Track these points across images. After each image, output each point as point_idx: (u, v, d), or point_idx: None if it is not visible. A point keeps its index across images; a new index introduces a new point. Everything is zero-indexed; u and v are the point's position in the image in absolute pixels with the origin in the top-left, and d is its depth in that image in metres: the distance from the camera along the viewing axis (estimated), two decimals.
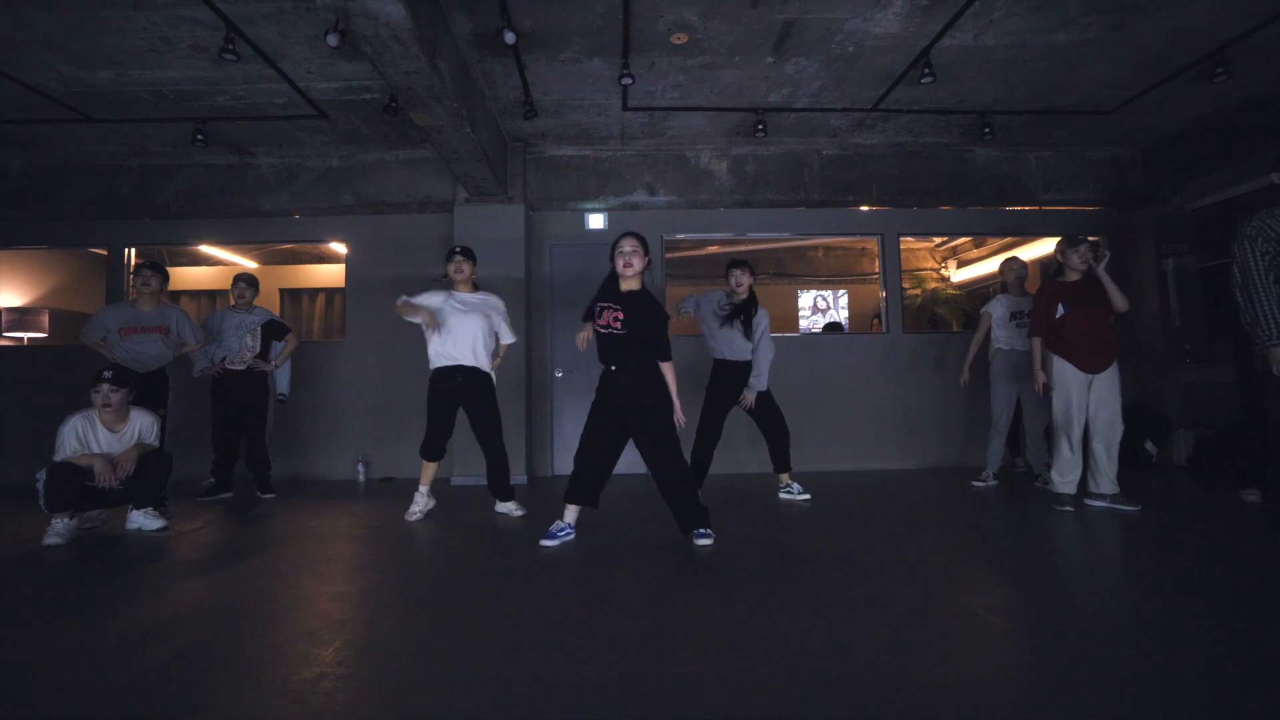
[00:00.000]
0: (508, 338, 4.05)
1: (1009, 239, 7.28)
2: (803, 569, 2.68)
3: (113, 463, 3.28)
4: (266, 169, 5.58)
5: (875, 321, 7.36)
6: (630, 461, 5.51)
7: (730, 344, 4.08)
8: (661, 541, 3.17)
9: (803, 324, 8.72)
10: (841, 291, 9.07)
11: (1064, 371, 3.76)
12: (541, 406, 5.66)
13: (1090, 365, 3.70)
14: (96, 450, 3.30)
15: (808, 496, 4.25)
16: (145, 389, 3.93)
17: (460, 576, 2.67)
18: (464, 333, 3.78)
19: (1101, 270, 3.66)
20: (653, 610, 2.19)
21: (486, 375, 3.86)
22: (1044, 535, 3.26)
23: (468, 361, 3.78)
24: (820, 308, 9.00)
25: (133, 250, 5.84)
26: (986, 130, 4.91)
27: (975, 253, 8.54)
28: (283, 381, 4.87)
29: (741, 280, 4.08)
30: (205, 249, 6.66)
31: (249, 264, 7.43)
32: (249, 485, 4.86)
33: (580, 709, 1.53)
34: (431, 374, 3.85)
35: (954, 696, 1.56)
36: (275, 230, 5.85)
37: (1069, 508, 3.68)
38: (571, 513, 3.19)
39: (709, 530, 3.10)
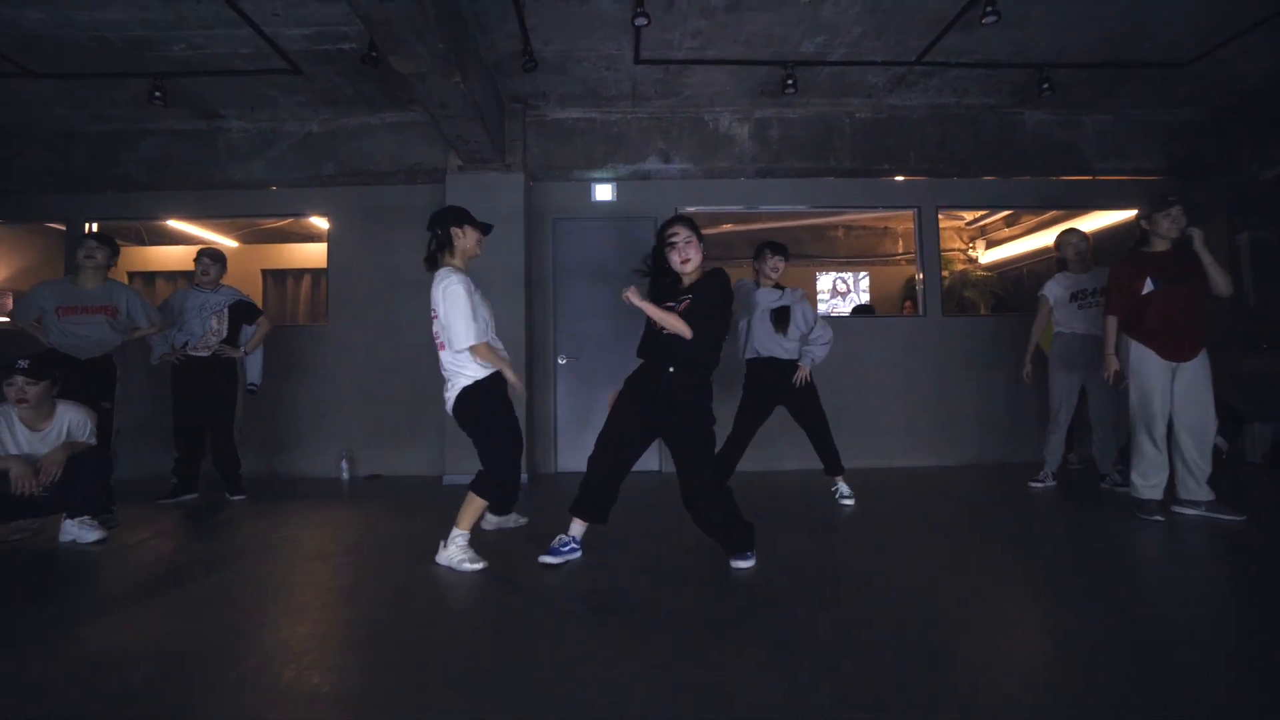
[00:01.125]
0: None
1: (1046, 215, 6.73)
2: (858, 602, 2.17)
3: (33, 466, 2.77)
4: (238, 134, 5.04)
5: (908, 305, 6.82)
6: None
7: (770, 338, 3.64)
8: (682, 560, 2.67)
9: (821, 307, 8.17)
10: (863, 273, 8.52)
11: (1144, 359, 3.22)
12: (543, 397, 5.15)
13: (1176, 353, 3.17)
14: (15, 451, 2.79)
15: (851, 502, 3.74)
16: (87, 378, 3.42)
17: (439, 615, 2.17)
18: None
19: (1200, 245, 3.12)
20: (666, 678, 1.68)
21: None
22: (1141, 554, 2.75)
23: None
24: (840, 290, 8.46)
25: (94, 225, 5.30)
26: (1045, 87, 4.33)
27: (1006, 232, 7.96)
28: (254, 370, 4.32)
29: (779, 266, 3.70)
30: (176, 225, 6.12)
31: (228, 242, 6.88)
32: (219, 485, 4.36)
33: None
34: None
35: None
36: (250, 203, 5.31)
37: (1158, 516, 3.16)
38: (579, 527, 2.69)
39: (750, 553, 2.58)
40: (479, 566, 2.56)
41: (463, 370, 2.66)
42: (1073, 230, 4.09)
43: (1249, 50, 4.16)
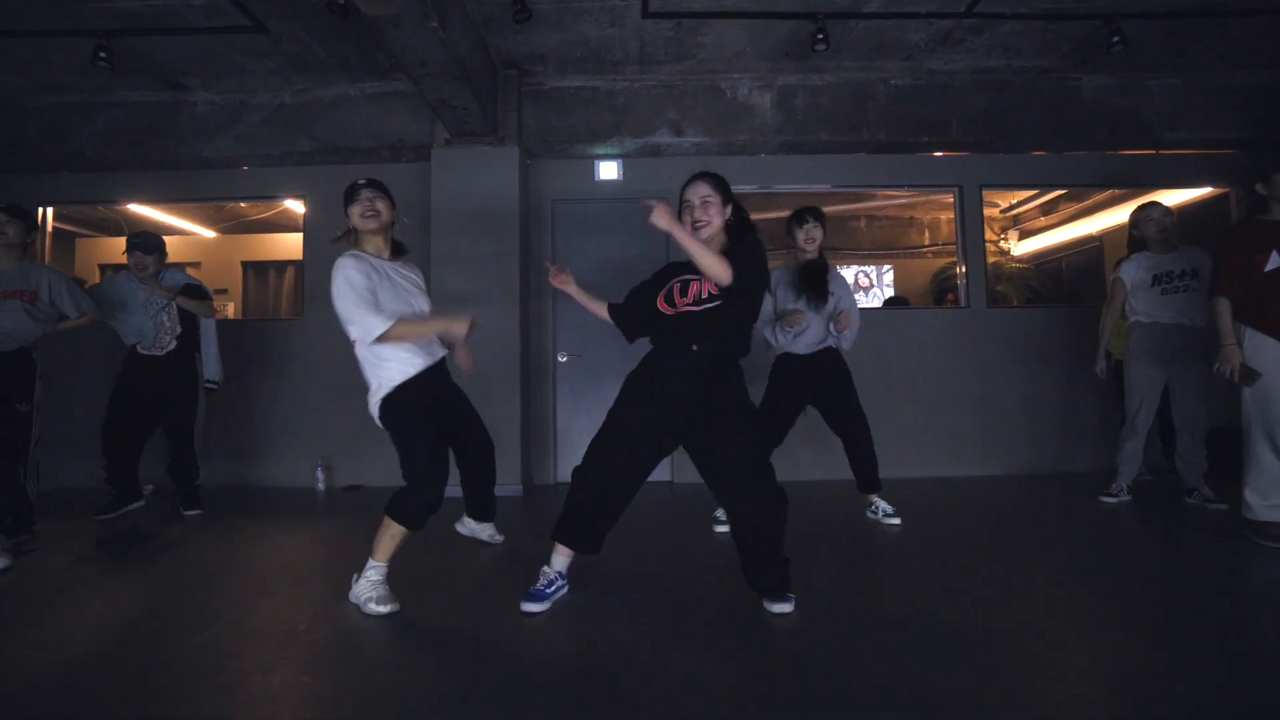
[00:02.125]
0: None
1: (1087, 201, 6.15)
2: (925, 662, 1.62)
3: None
4: (204, 107, 4.54)
5: (950, 297, 6.23)
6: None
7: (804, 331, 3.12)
8: (700, 602, 2.14)
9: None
10: (886, 267, 7.95)
11: (1265, 350, 2.66)
12: (541, 399, 4.62)
13: None
14: None
15: (898, 521, 3.19)
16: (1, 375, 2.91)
17: (403, 688, 1.64)
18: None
19: None
20: None
21: None
22: (1268, 591, 2.19)
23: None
24: (863, 284, 7.89)
25: (49, 210, 4.84)
26: (1115, 40, 3.76)
27: (1042, 220, 7.37)
28: (211, 365, 3.81)
29: (814, 235, 3.18)
30: (149, 211, 5.64)
31: (205, 232, 6.42)
32: (172, 495, 3.85)
33: None
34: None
35: None
36: (219, 184, 4.82)
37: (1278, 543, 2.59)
38: (563, 558, 2.16)
39: (790, 594, 2.04)
40: (387, 610, 2.06)
41: (380, 368, 2.20)
42: (1154, 204, 3.52)
43: None
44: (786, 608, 2.01)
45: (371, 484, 4.52)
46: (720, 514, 3.12)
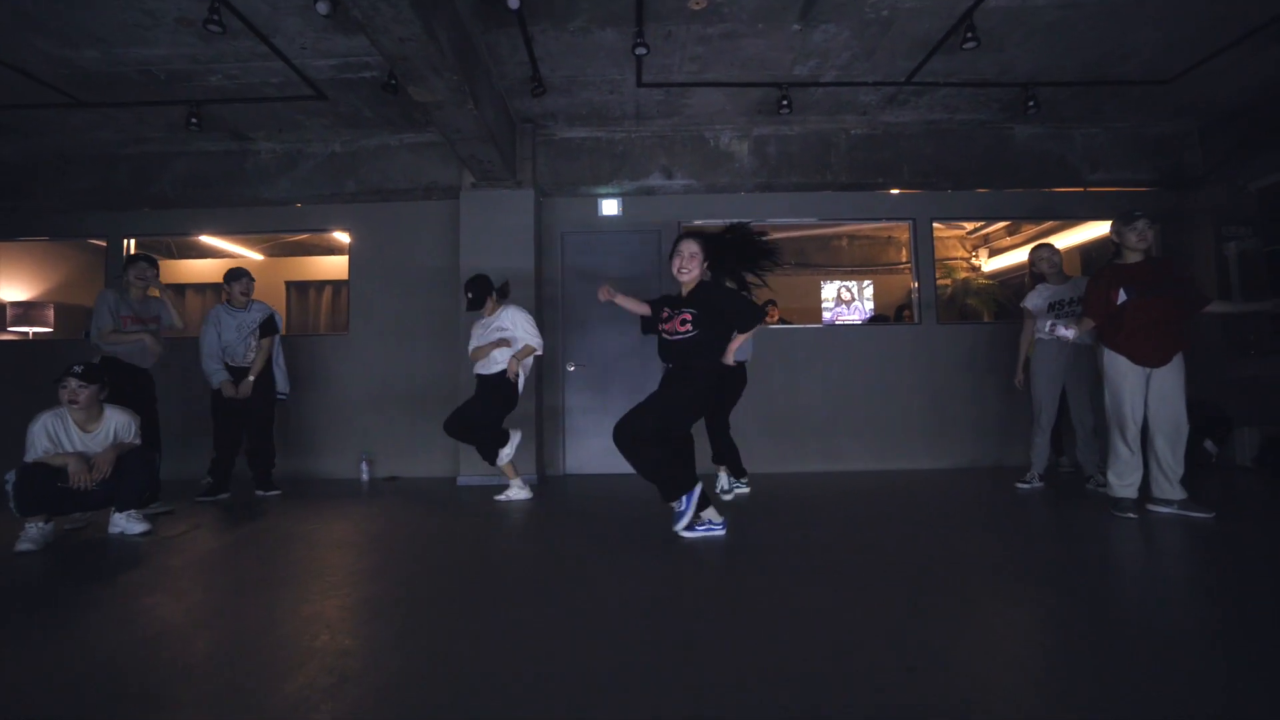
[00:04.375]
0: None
1: (1047, 224, 6.88)
2: (840, 594, 2.38)
3: (88, 462, 3.06)
4: (266, 155, 5.36)
5: (907, 313, 6.99)
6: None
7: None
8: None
9: (826, 315, 8.36)
10: (866, 282, 8.69)
11: (1115, 365, 3.40)
12: (553, 402, 5.40)
13: (1149, 358, 3.34)
14: (70, 450, 3.08)
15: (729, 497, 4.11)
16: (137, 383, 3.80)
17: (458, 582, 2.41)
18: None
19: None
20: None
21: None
22: (1113, 549, 2.92)
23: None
24: (845, 299, 8.63)
25: (132, 241, 5.65)
26: (1031, 104, 4.53)
27: (1008, 240, 8.11)
28: (281, 380, 4.66)
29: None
30: (208, 240, 6.46)
31: (254, 255, 7.24)
32: (248, 484, 4.65)
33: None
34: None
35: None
36: (277, 219, 5.63)
37: (1131, 514, 3.33)
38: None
39: (687, 500, 3.02)
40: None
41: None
42: (1044, 245, 4.29)
43: (1232, 65, 4.31)
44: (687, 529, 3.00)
45: (406, 475, 5.30)
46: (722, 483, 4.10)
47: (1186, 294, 3.37)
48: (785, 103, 4.53)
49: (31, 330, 6.37)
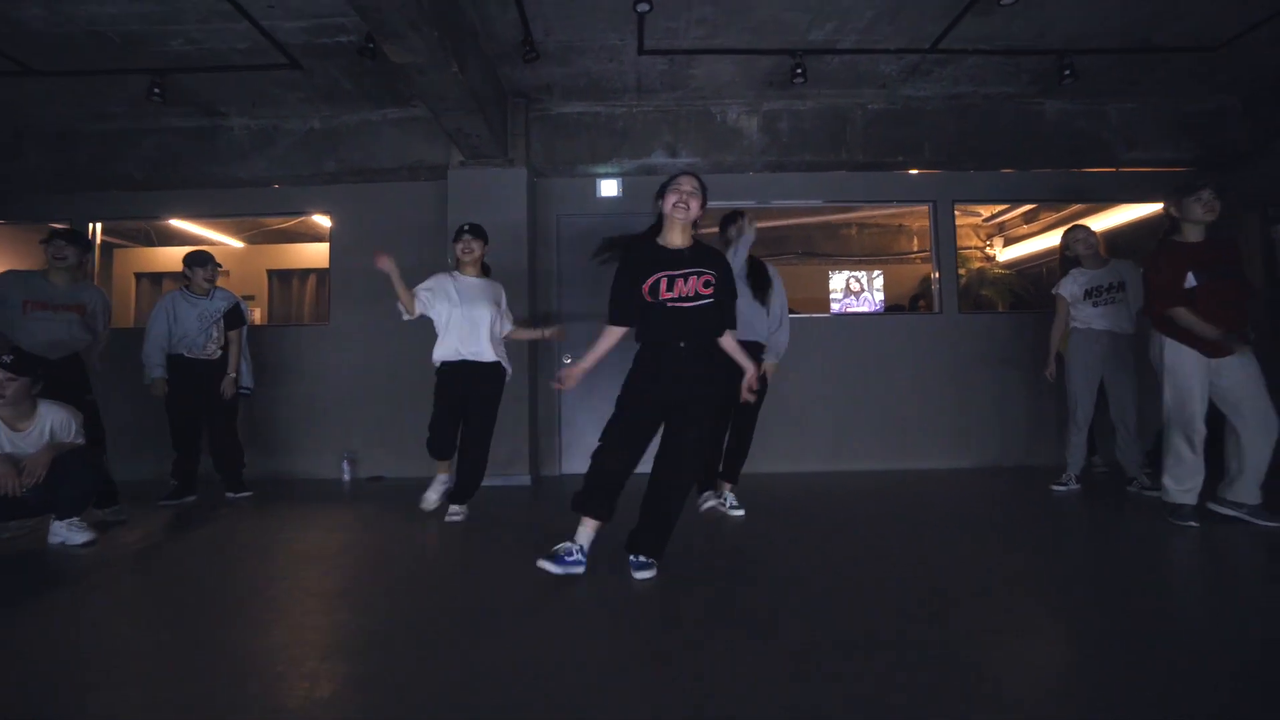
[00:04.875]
0: (507, 328, 3.57)
1: (1067, 210, 6.51)
2: (866, 610, 2.02)
3: (17, 466, 2.70)
4: (240, 132, 4.98)
5: (923, 303, 6.64)
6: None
7: (751, 310, 3.34)
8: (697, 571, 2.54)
9: (835, 307, 7.99)
10: (876, 272, 8.32)
11: (1179, 357, 3.04)
12: (548, 399, 5.04)
13: (1217, 348, 2.99)
14: None
15: (741, 512, 3.43)
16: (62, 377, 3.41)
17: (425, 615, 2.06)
18: (476, 322, 3.36)
19: None
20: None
21: (501, 373, 3.48)
22: (1175, 562, 2.58)
23: (486, 357, 3.38)
24: (854, 290, 8.26)
25: (98, 226, 5.29)
26: (1067, 74, 4.15)
27: (1025, 228, 7.75)
28: (245, 375, 4.30)
29: (745, 231, 3.43)
30: (183, 225, 6.09)
31: (234, 243, 6.86)
32: (218, 485, 4.29)
33: None
34: (438, 368, 3.42)
35: None
36: (252, 202, 5.26)
37: (1192, 522, 2.98)
38: (588, 531, 2.40)
39: (654, 561, 2.40)
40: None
41: None
42: (1079, 226, 3.94)
43: (1278, 38, 3.95)
44: (648, 574, 2.33)
45: (391, 475, 4.95)
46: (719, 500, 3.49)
47: (1241, 276, 3.02)
48: (800, 71, 4.15)
49: None
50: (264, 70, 4.24)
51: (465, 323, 3.35)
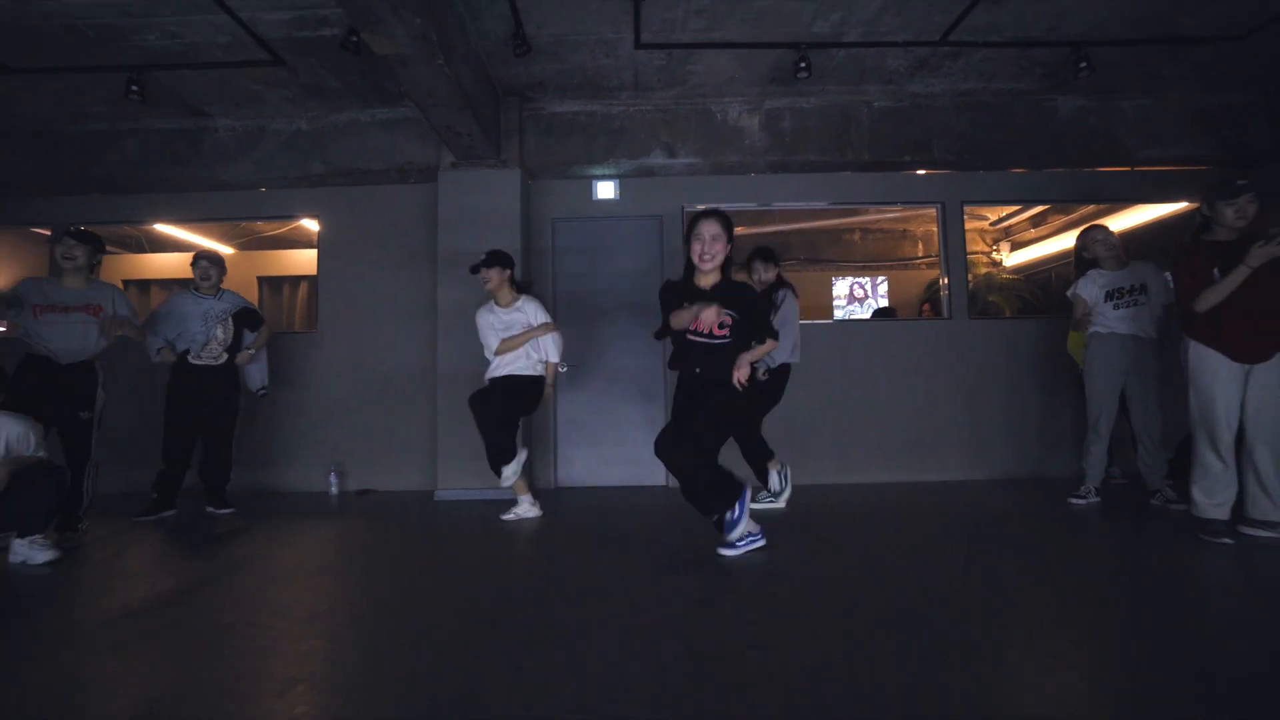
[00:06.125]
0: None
1: (1077, 213, 6.33)
2: (877, 639, 1.82)
3: None
4: (225, 133, 4.83)
5: (926, 307, 6.45)
6: (640, 475, 4.70)
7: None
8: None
9: (838, 313, 7.81)
10: (881, 278, 8.15)
11: (1206, 361, 2.85)
12: (541, 408, 4.83)
13: (1247, 353, 2.80)
14: None
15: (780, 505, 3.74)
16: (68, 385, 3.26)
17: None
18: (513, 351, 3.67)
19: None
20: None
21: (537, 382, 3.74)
22: (1208, 582, 2.38)
23: (524, 373, 3.69)
24: (858, 295, 8.09)
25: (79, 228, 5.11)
26: (1083, 66, 3.98)
27: (1033, 233, 7.56)
28: (259, 375, 4.19)
29: (765, 277, 3.78)
30: (176, 231, 5.93)
31: (224, 248, 6.70)
32: (197, 499, 4.10)
33: None
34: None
35: None
36: (239, 205, 5.10)
37: (1225, 539, 2.77)
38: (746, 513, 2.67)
39: (737, 512, 2.65)
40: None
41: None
42: (1097, 226, 3.75)
43: None
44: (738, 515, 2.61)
45: (381, 488, 4.76)
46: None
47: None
48: (803, 65, 3.98)
49: None
50: (247, 67, 4.09)
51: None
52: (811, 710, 1.42)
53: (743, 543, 2.67)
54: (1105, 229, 3.75)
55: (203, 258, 4.01)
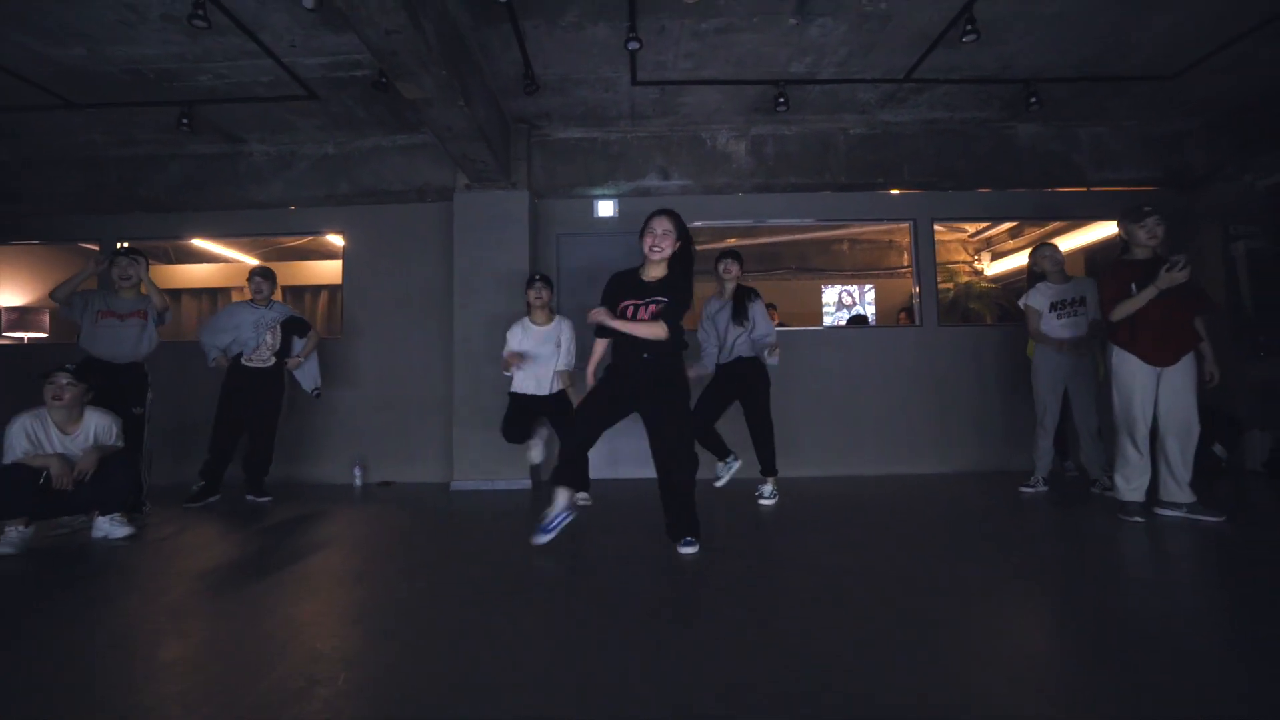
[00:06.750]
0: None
1: (1050, 226, 6.79)
2: (818, 588, 2.28)
3: (70, 464, 2.98)
4: (259, 157, 5.31)
5: (903, 315, 6.91)
6: (630, 465, 5.14)
7: (728, 344, 3.98)
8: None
9: (827, 320, 8.26)
10: (868, 286, 8.61)
11: (1125, 364, 3.31)
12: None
13: (1159, 357, 3.25)
14: (49, 453, 3.01)
15: (770, 502, 4.01)
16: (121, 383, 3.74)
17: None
18: (542, 366, 4.08)
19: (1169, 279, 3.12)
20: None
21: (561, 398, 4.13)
22: (1120, 553, 2.82)
23: (543, 392, 4.07)
24: (846, 303, 8.54)
25: (125, 244, 5.60)
26: (1033, 101, 4.44)
27: (1011, 243, 8.01)
28: (311, 377, 4.66)
29: (730, 268, 4.00)
30: (204, 244, 6.42)
31: (251, 260, 7.19)
32: (238, 489, 4.56)
33: None
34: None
35: None
36: (270, 222, 5.58)
37: (1138, 518, 3.23)
38: (564, 496, 2.87)
39: (695, 539, 2.79)
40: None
41: None
42: (1046, 244, 4.21)
43: (1238, 60, 4.20)
44: (692, 550, 2.74)
45: (400, 480, 5.22)
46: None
47: (1194, 293, 3.28)
48: (782, 100, 4.46)
49: (27, 335, 6.32)
50: (284, 101, 4.56)
51: (531, 368, 4.03)
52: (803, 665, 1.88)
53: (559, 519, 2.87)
54: (1053, 247, 4.20)
55: (256, 274, 4.51)
